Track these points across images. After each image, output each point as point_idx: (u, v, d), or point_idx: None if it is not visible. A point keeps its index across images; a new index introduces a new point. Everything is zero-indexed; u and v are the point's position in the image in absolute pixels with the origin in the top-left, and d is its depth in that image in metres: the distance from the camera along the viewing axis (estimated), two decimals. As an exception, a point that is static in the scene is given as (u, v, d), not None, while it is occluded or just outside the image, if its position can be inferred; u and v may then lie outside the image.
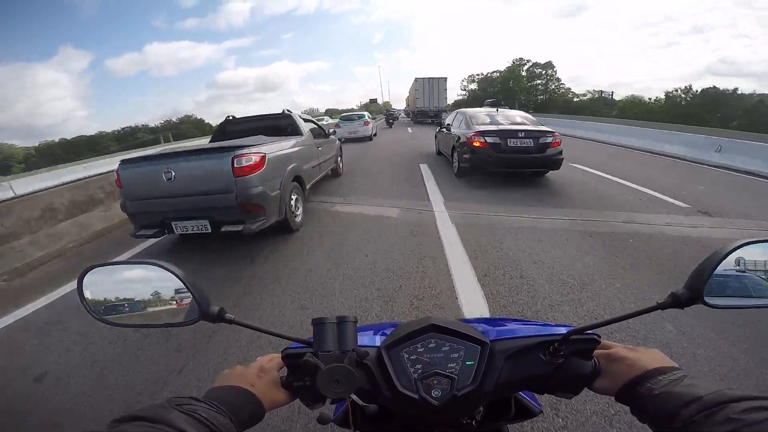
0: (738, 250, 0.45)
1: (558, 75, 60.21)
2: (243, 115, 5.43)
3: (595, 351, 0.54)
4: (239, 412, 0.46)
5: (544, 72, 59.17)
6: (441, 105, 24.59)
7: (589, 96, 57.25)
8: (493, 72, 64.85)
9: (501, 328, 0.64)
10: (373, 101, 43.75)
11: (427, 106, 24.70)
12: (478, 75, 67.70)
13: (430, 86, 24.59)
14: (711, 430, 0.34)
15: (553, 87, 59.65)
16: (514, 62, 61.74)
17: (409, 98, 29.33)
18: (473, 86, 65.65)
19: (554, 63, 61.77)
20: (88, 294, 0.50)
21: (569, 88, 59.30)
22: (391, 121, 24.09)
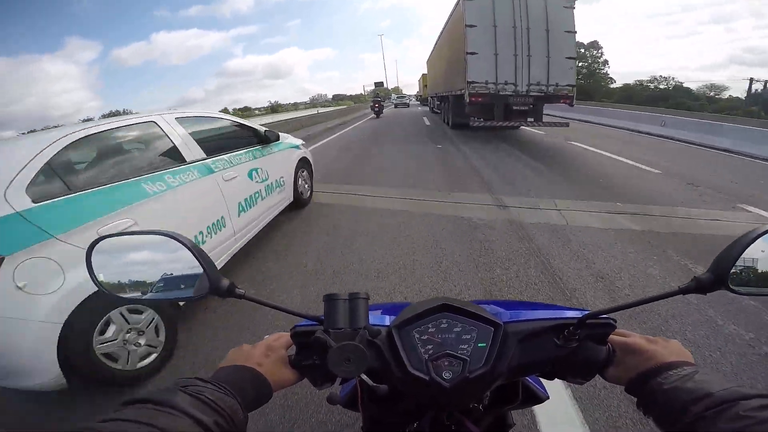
0: (765, 235, 0.43)
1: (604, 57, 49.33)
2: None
3: (611, 337, 0.53)
4: (246, 392, 0.46)
5: (587, 53, 48.75)
6: (559, 82, 8.25)
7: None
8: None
9: (514, 310, 0.63)
10: (379, 84, 40.34)
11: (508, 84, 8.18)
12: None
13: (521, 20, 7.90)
14: (720, 426, 0.34)
15: (597, 71, 49.22)
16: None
17: (437, 67, 15.22)
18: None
19: (600, 43, 50.05)
20: (97, 265, 0.49)
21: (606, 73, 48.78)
22: (377, 108, 20.21)
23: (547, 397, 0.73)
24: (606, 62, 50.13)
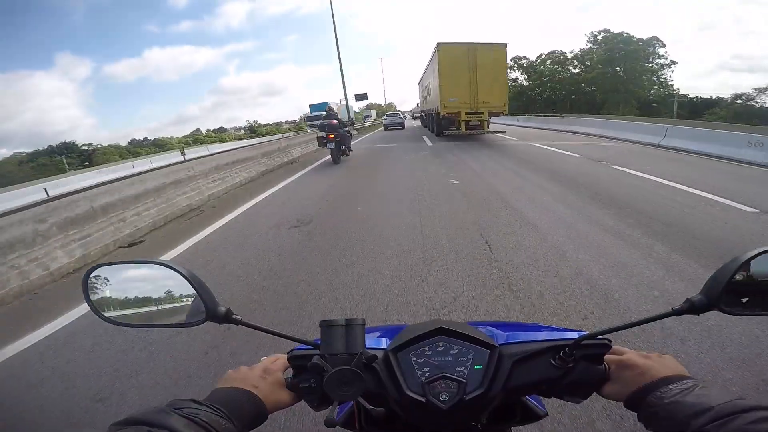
0: (758, 258, 0.44)
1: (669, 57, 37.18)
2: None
3: (606, 356, 0.53)
4: (241, 414, 0.45)
5: (645, 52, 37.03)
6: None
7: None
8: (560, 52, 40.96)
9: (510, 332, 0.63)
10: (361, 97, 33.34)
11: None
12: (525, 58, 43.90)
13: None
14: None
15: (663, 77, 37.80)
16: (594, 35, 37.91)
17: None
18: (518, 75, 44.68)
19: (660, 38, 37.43)
20: (93, 293, 0.49)
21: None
22: (329, 140, 9.31)
23: (546, 414, 0.73)
24: (672, 63, 37.44)
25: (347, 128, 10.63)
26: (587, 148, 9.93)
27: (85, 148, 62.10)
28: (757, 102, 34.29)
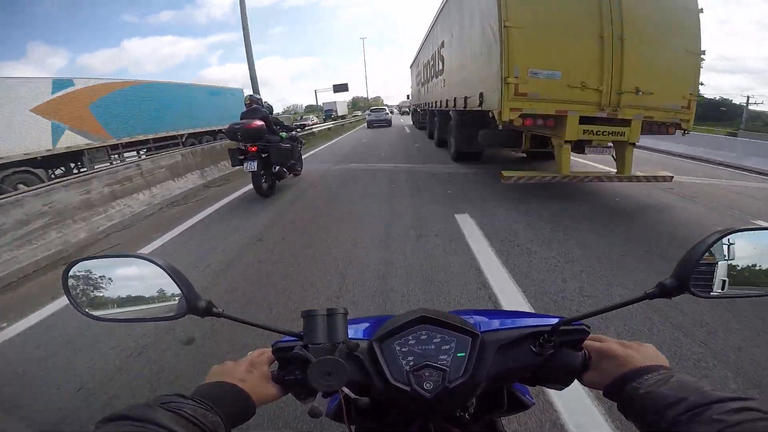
0: (723, 239, 0.45)
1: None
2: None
3: (586, 343, 0.55)
4: (228, 408, 0.45)
5: None
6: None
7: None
8: None
9: (492, 319, 0.64)
10: (340, 88, 30.69)
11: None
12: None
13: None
14: (696, 429, 0.35)
15: None
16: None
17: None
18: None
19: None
20: (73, 288, 0.49)
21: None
22: (245, 157, 5.05)
23: (533, 404, 0.74)
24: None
25: (292, 133, 6.28)
26: None
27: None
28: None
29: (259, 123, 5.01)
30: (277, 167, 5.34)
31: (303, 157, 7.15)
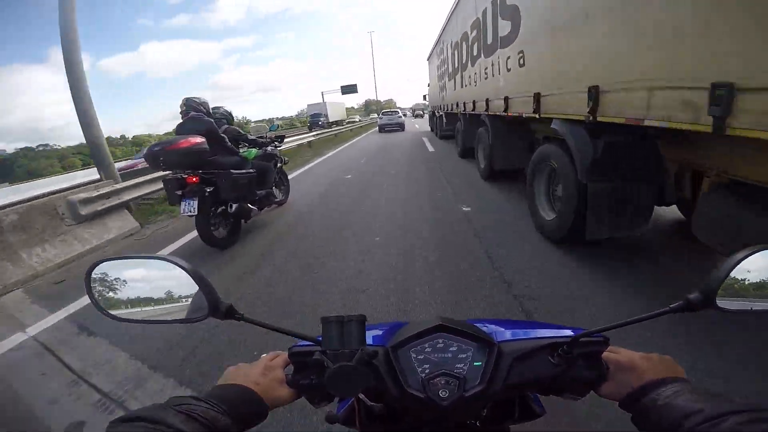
0: (753, 255, 0.45)
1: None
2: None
3: (604, 354, 0.54)
4: (240, 411, 0.46)
5: None
6: None
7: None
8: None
9: (509, 329, 0.64)
10: (348, 89, 28.80)
11: None
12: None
13: None
14: None
15: None
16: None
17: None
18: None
19: None
20: (95, 288, 0.50)
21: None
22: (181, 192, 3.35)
23: (544, 413, 0.73)
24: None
25: (267, 148, 4.66)
26: None
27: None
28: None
29: (197, 140, 3.27)
30: (234, 205, 3.63)
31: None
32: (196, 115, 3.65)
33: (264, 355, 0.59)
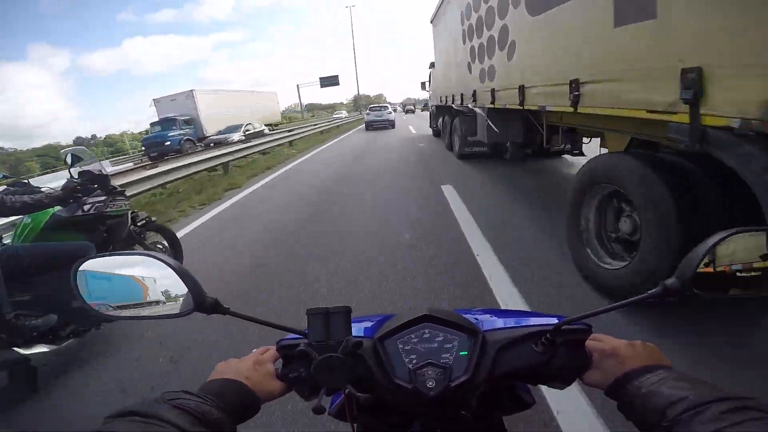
0: (727, 239, 0.45)
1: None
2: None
3: (589, 342, 0.55)
4: (233, 405, 0.46)
5: None
6: None
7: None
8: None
9: (494, 318, 0.64)
10: (328, 81, 23.75)
11: None
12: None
13: None
14: (695, 429, 0.35)
15: None
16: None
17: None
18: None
19: None
20: (82, 285, 0.50)
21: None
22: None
23: (534, 403, 0.74)
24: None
25: (84, 199, 2.07)
26: None
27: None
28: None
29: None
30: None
31: None
32: None
33: (254, 349, 0.59)
